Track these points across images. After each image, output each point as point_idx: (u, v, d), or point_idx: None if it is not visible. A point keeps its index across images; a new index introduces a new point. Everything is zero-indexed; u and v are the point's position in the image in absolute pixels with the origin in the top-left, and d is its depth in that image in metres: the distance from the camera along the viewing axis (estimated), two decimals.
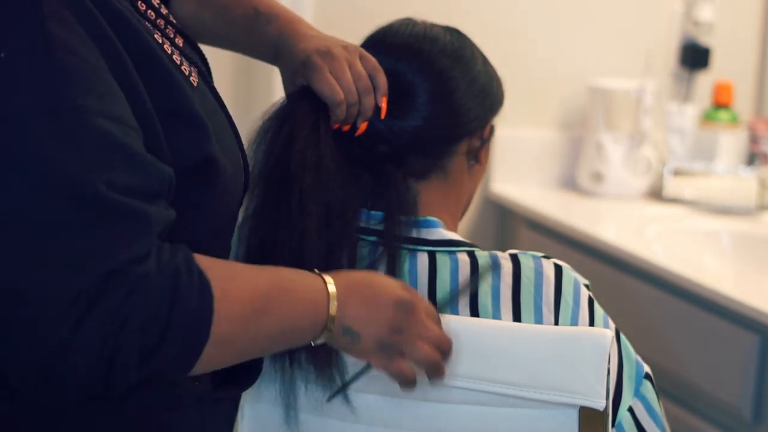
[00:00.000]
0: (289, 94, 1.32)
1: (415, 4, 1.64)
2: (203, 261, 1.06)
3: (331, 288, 1.14)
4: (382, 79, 1.32)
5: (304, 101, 1.29)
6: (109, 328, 0.99)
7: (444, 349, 1.20)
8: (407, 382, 1.19)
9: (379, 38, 1.40)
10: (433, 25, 1.41)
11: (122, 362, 1.00)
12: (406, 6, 1.58)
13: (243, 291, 1.08)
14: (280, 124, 1.29)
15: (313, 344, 1.16)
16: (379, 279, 1.21)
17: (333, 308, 1.14)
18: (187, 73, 1.15)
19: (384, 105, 1.33)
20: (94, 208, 0.98)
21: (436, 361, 1.19)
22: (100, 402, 1.08)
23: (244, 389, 1.26)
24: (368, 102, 1.31)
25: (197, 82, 1.17)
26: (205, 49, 1.35)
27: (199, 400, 1.18)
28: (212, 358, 1.06)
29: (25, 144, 0.96)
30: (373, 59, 1.33)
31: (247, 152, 1.25)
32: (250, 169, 1.25)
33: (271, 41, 1.36)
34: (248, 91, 2.25)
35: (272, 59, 1.38)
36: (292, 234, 1.24)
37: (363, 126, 1.33)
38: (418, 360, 1.18)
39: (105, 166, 0.99)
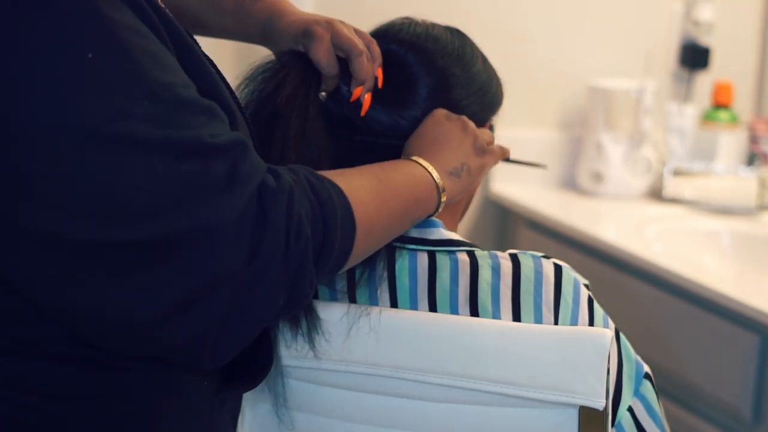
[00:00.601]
0: (281, 52, 1.34)
1: (415, 4, 1.64)
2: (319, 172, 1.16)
3: (413, 156, 1.30)
4: (376, 49, 1.35)
5: (298, 62, 1.31)
6: (288, 241, 1.06)
7: None
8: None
9: (382, 33, 1.40)
10: (434, 25, 1.41)
11: (303, 273, 1.07)
12: (406, 6, 1.58)
13: (354, 179, 1.19)
14: (273, 71, 1.30)
15: (441, 205, 1.31)
16: (423, 127, 1.34)
17: (428, 165, 1.29)
18: None
19: (380, 74, 1.35)
20: (213, 154, 1.04)
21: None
22: (108, 402, 1.09)
23: (251, 387, 1.26)
24: (368, 68, 1.33)
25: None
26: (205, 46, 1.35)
27: (208, 402, 1.18)
28: (360, 245, 1.16)
29: (143, 130, 1.00)
30: (367, 34, 1.37)
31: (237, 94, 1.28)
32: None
33: (259, 20, 1.39)
34: None
35: (260, 39, 1.40)
36: None
37: (367, 99, 1.34)
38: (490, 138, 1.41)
39: (202, 124, 1.05)
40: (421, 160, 1.29)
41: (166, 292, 1.01)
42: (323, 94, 1.33)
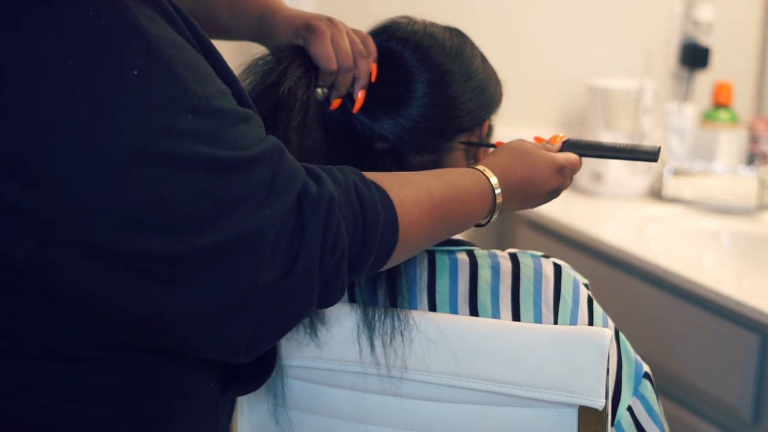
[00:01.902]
0: (281, 45, 1.34)
1: (415, 4, 1.64)
2: (372, 175, 1.15)
3: (498, 192, 1.26)
4: (372, 45, 1.36)
5: (299, 55, 1.31)
6: (324, 252, 1.06)
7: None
8: None
9: (380, 30, 1.40)
10: (432, 24, 1.41)
11: (335, 281, 1.08)
12: (407, 6, 1.59)
13: (419, 198, 1.17)
14: (275, 63, 1.31)
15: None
16: (536, 173, 1.31)
17: (496, 213, 1.26)
18: None
19: (374, 69, 1.35)
20: (253, 165, 1.04)
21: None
22: (120, 404, 1.09)
23: (254, 389, 1.26)
24: (364, 65, 1.34)
25: None
26: None
27: (215, 403, 1.19)
28: (398, 255, 1.16)
29: (186, 146, 1.00)
30: (362, 31, 1.38)
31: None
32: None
33: (254, 15, 1.40)
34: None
35: (255, 34, 1.41)
36: None
37: (361, 95, 1.34)
38: None
39: (241, 133, 1.05)
40: (499, 203, 1.27)
41: (206, 301, 1.03)
42: (319, 91, 1.33)
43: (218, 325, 1.04)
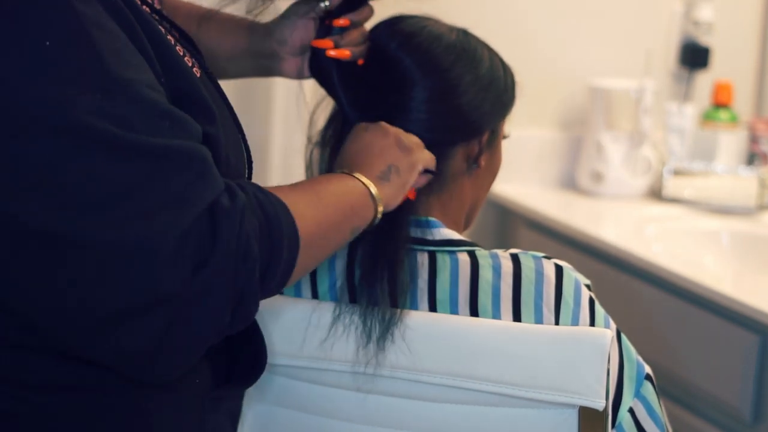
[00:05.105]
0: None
1: (414, 5, 1.64)
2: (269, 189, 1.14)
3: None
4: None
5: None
6: (237, 262, 1.04)
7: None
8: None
9: (381, 28, 1.40)
10: (437, 23, 1.41)
11: (249, 292, 1.06)
12: (406, 7, 1.58)
13: (295, 194, 1.16)
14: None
15: (378, 211, 1.28)
16: (345, 144, 1.32)
17: (356, 173, 1.27)
18: (190, 64, 1.17)
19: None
20: (164, 164, 1.02)
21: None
22: (96, 396, 1.09)
23: (245, 387, 1.26)
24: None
25: (200, 74, 1.19)
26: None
27: (199, 399, 1.19)
28: (303, 260, 1.14)
29: (91, 125, 0.99)
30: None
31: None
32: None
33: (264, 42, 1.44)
34: (248, 89, 2.25)
35: (269, 55, 1.44)
36: None
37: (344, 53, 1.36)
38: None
39: (161, 128, 1.03)
40: (347, 171, 1.27)
41: (98, 302, 1.00)
42: (326, 3, 1.35)
43: (112, 329, 1.01)
